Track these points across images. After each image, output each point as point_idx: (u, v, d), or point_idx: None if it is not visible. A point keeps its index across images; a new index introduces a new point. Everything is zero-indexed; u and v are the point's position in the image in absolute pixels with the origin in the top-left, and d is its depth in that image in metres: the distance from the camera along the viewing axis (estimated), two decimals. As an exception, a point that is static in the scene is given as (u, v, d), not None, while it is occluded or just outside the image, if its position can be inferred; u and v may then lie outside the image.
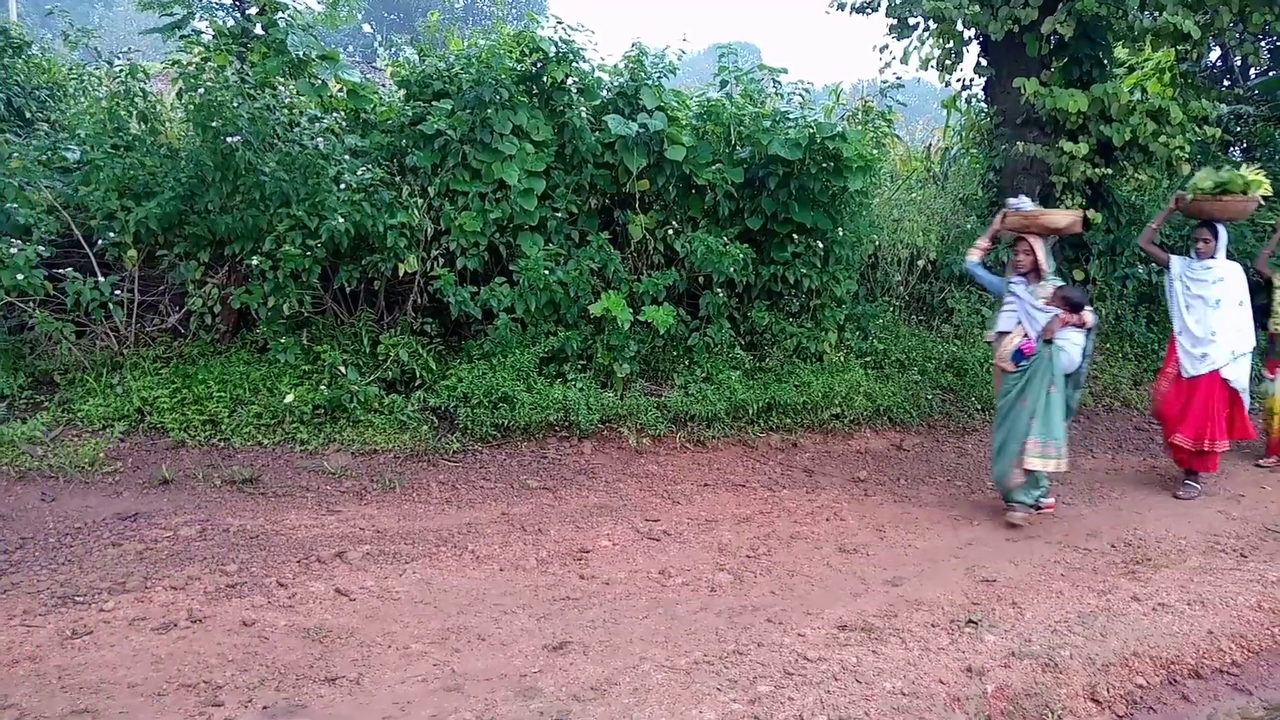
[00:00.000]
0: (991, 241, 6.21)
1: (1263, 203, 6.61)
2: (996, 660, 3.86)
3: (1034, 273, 5.85)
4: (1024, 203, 5.97)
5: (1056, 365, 5.73)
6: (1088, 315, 5.79)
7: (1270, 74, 13.67)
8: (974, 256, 6.17)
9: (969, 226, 8.93)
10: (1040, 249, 5.81)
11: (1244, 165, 6.63)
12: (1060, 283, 5.86)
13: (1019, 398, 5.74)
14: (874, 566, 5.01)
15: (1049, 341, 5.69)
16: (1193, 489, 6.58)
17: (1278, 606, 4.63)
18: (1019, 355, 5.77)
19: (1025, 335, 5.76)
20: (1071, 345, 5.81)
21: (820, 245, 7.56)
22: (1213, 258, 6.56)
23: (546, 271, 6.69)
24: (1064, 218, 5.85)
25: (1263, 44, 11.28)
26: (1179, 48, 8.77)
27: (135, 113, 6.66)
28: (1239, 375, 6.56)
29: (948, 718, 3.46)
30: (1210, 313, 6.51)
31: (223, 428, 6.05)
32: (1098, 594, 4.65)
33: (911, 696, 3.53)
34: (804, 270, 7.51)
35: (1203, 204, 6.50)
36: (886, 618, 4.28)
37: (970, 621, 4.23)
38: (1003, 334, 5.94)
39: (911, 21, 9.31)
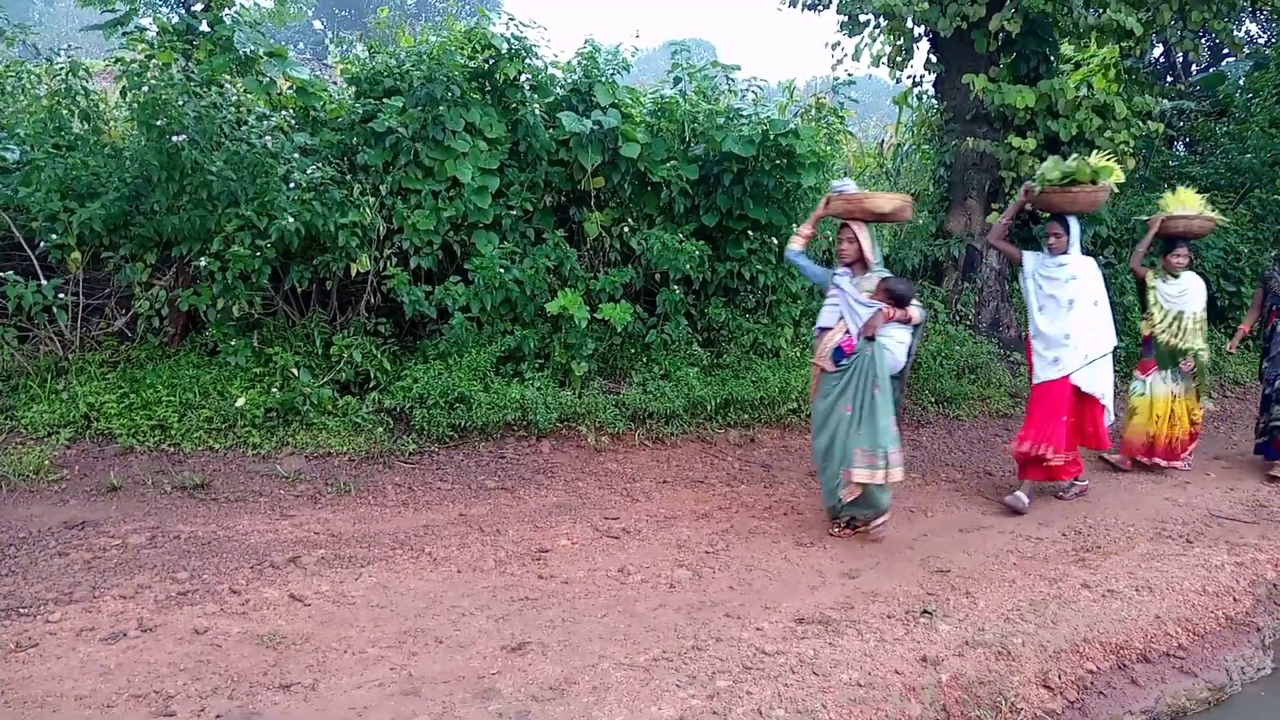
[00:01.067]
0: (814, 228, 5.64)
1: (1116, 191, 6.31)
2: (951, 650, 3.91)
3: (859, 263, 5.33)
4: (847, 185, 5.42)
5: (880, 365, 5.17)
6: (914, 310, 5.25)
7: (1210, 70, 14.03)
8: (795, 245, 5.56)
9: (920, 222, 9.04)
10: (865, 236, 5.31)
11: (1094, 154, 6.12)
12: (887, 274, 5.35)
13: (839, 402, 5.20)
14: (831, 560, 5.05)
15: (871, 339, 5.17)
16: (1020, 500, 6.00)
17: (1221, 590, 4.76)
18: (839, 354, 5.22)
19: (847, 332, 5.24)
20: (895, 344, 5.27)
21: (775, 241, 7.62)
22: (1065, 253, 6.06)
23: (502, 270, 6.65)
24: (888, 202, 5.31)
25: (1203, 41, 11.56)
26: (1123, 44, 8.94)
27: (77, 111, 6.51)
28: (1094, 381, 6.01)
29: (903, 708, 3.50)
30: (1064, 313, 5.99)
31: (172, 433, 5.94)
32: (1049, 582, 4.73)
33: (868, 688, 3.57)
34: (759, 266, 7.57)
35: (1051, 196, 6.01)
36: (843, 610, 4.32)
37: (925, 612, 4.28)
38: (824, 330, 5.41)
39: (862, 19, 9.40)
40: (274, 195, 6.08)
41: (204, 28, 6.68)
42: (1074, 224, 6.08)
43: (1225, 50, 13.09)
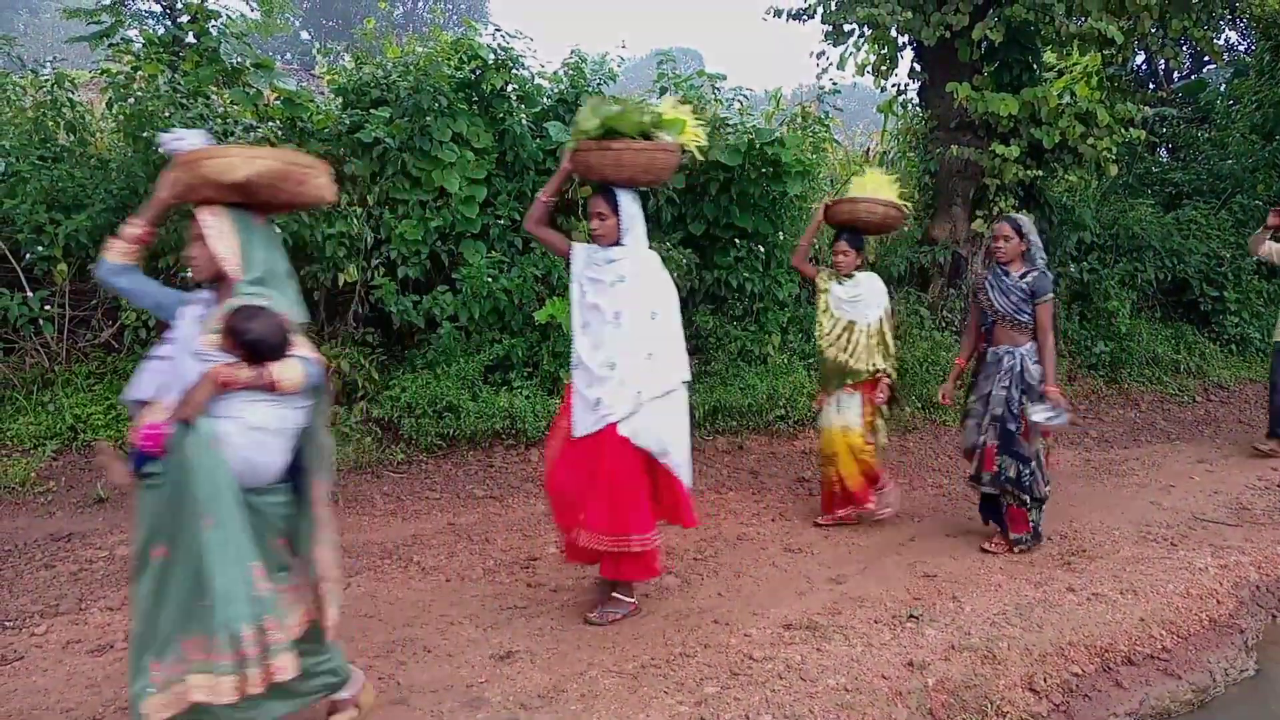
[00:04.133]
0: (153, 225, 2.97)
1: (700, 157, 4.58)
2: (937, 654, 3.94)
3: (222, 281, 2.88)
4: (185, 140, 2.88)
5: (209, 477, 2.68)
6: (286, 370, 2.78)
7: (1192, 77, 14.17)
8: (109, 256, 2.93)
9: (906, 228, 9.09)
10: (225, 233, 2.86)
11: (668, 98, 4.53)
12: (258, 297, 2.81)
13: (149, 543, 2.78)
14: (818, 565, 5.07)
15: (188, 424, 2.70)
16: (617, 608, 4.27)
17: (1205, 593, 4.79)
18: (140, 458, 2.77)
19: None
20: (248, 432, 2.76)
21: (762, 249, 7.67)
22: (619, 244, 4.12)
23: (490, 279, 6.67)
24: (246, 164, 2.79)
25: (1184, 49, 11.68)
26: (1104, 52, 9.02)
27: (63, 123, 6.52)
28: (650, 431, 4.05)
29: (890, 712, 3.52)
30: (609, 332, 4.08)
31: (160, 444, 5.92)
32: (1034, 586, 4.76)
33: (854, 692, 3.59)
34: (746, 274, 7.60)
35: (588, 156, 4.03)
36: (830, 615, 4.34)
37: (911, 616, 4.31)
38: (142, 405, 2.89)
39: (846, 28, 9.46)
40: (261, 206, 6.08)
41: (190, 39, 6.72)
42: (625, 200, 4.12)
43: (1206, 58, 13.22)
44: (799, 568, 5.04)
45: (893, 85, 10.29)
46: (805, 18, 9.81)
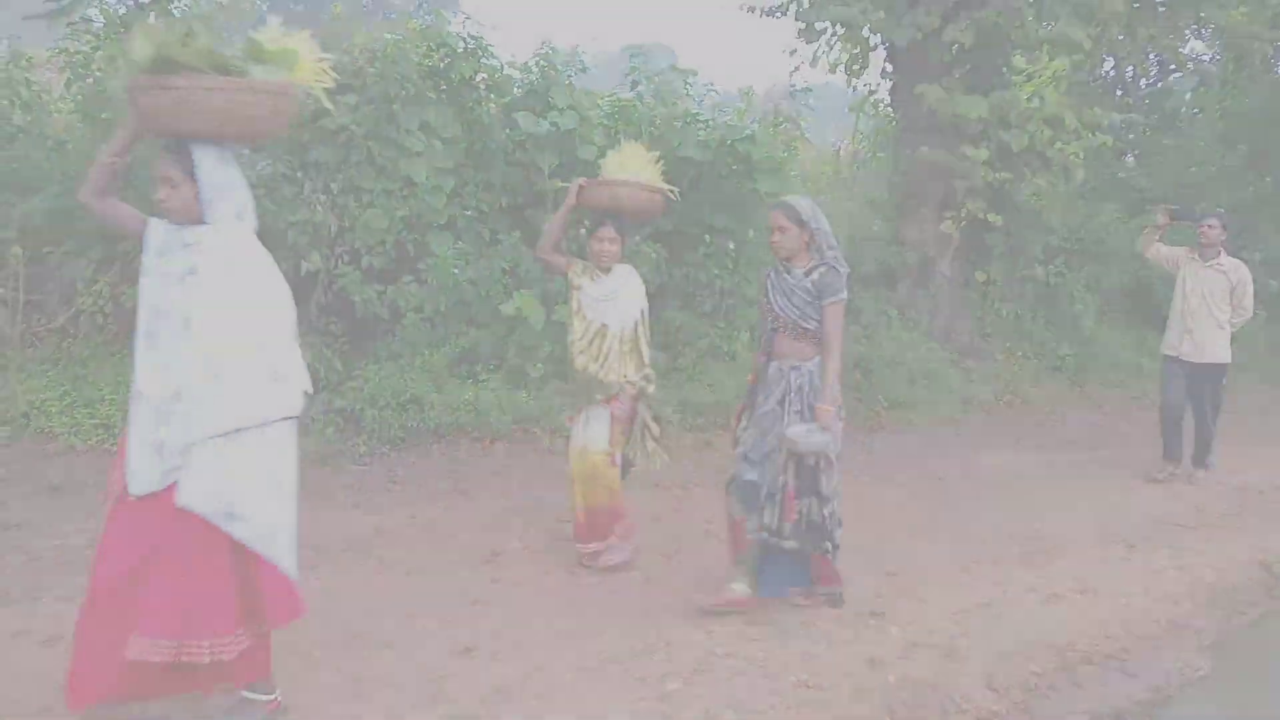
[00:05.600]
0: None
1: (331, 108, 3.79)
2: (898, 651, 3.96)
3: None
4: None
5: None
6: None
7: (1158, 85, 14.36)
8: None
9: (875, 228, 9.15)
10: None
11: (273, 23, 3.17)
12: None
13: None
14: (783, 563, 5.06)
15: None
16: None
17: (1162, 594, 4.85)
18: None
19: None
20: None
21: (732, 246, 7.66)
22: (201, 222, 2.98)
23: (456, 270, 6.60)
24: None
25: (1150, 57, 11.83)
26: (1073, 58, 9.12)
27: (19, 103, 6.37)
28: (208, 484, 2.88)
29: (852, 710, 3.52)
30: (180, 347, 2.92)
31: (116, 431, 5.80)
32: (995, 585, 4.80)
33: (816, 689, 3.59)
34: (716, 270, 7.59)
35: (142, 99, 2.84)
36: (793, 612, 4.33)
37: (874, 614, 4.32)
38: None
39: (819, 26, 9.49)
40: (223, 191, 5.98)
41: (152, 20, 6.56)
42: (207, 161, 2.96)
43: (1172, 66, 13.40)
44: (763, 565, 5.02)
45: (864, 85, 10.34)
46: (779, 14, 9.82)
